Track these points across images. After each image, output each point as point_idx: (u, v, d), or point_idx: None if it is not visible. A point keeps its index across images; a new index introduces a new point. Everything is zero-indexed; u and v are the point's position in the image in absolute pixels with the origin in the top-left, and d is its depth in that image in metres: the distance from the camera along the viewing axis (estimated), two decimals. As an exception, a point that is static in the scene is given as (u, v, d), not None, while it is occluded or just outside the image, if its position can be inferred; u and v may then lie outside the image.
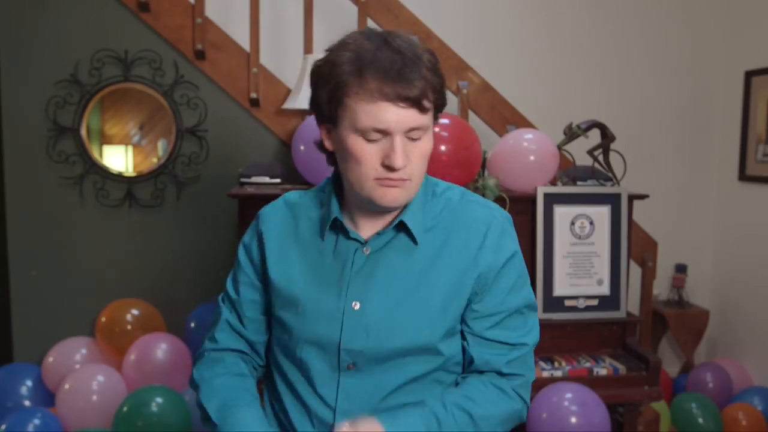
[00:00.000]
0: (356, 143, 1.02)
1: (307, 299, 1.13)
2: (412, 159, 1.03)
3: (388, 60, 0.98)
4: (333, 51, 1.04)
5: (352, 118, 1.00)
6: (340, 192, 1.15)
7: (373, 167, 1.02)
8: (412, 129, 1.01)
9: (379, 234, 1.12)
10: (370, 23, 2.83)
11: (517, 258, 1.16)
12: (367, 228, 1.13)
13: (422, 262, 1.11)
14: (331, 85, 1.01)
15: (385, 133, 1.01)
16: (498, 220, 1.15)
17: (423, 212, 1.13)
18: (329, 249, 1.14)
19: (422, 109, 1.00)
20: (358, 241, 1.12)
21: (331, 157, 1.13)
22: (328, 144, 1.10)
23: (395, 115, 0.99)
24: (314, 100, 1.07)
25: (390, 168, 1.01)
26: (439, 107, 1.06)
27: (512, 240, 1.16)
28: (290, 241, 1.17)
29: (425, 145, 1.05)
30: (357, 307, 1.10)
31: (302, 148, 2.50)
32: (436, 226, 1.13)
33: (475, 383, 1.13)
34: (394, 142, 1.00)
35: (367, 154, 1.02)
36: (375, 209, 1.09)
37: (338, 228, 1.14)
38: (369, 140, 1.01)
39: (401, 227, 1.11)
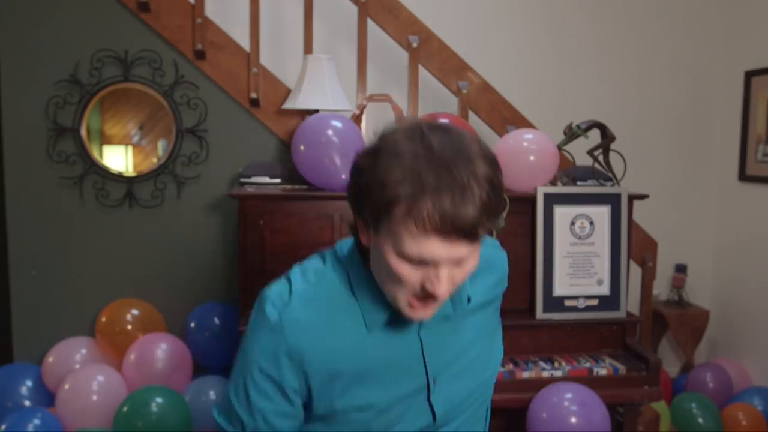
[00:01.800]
0: (398, 265, 0.94)
1: (383, 400, 1.04)
2: (456, 281, 0.96)
3: (448, 190, 0.87)
4: (383, 155, 0.91)
5: (398, 241, 0.92)
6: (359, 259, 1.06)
7: (412, 288, 0.96)
8: (461, 258, 0.94)
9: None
10: (370, 24, 2.83)
11: None
12: None
13: (459, 317, 1.14)
14: (379, 201, 0.91)
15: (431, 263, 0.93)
16: (505, 263, 1.23)
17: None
18: (390, 339, 1.05)
19: (475, 240, 0.92)
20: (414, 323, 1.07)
21: (363, 249, 1.04)
22: (364, 239, 1.00)
23: (445, 250, 0.91)
24: (354, 197, 0.97)
25: (430, 294, 0.95)
26: (494, 216, 0.96)
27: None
28: (341, 363, 1.01)
29: (471, 265, 0.97)
30: (435, 382, 1.08)
31: (302, 148, 2.50)
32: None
33: None
34: (440, 272, 0.93)
35: (409, 278, 0.94)
36: None
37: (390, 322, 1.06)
38: (412, 265, 0.94)
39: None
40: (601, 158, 2.59)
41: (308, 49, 2.80)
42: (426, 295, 0.95)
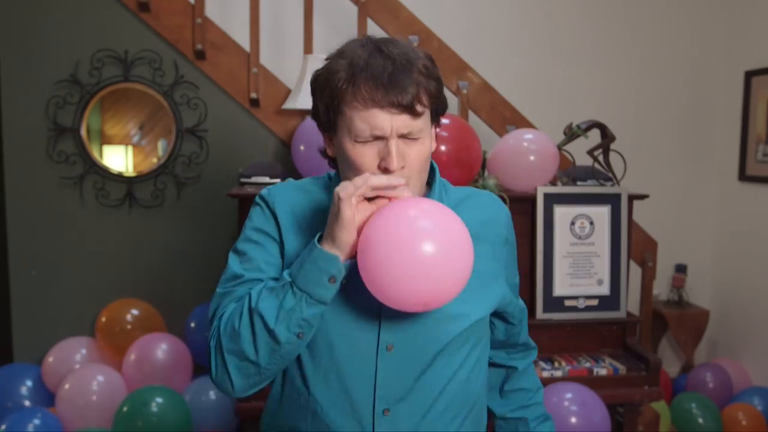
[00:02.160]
0: (353, 149, 1.04)
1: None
2: (409, 160, 1.05)
3: (380, 67, 1.00)
4: (330, 59, 1.06)
5: (349, 125, 1.03)
6: None
7: (371, 172, 1.03)
8: (407, 133, 1.03)
9: None
10: (370, 24, 2.83)
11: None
12: None
13: None
14: (327, 94, 1.04)
15: (380, 137, 1.03)
16: (509, 215, 1.26)
17: (442, 199, 1.15)
18: None
19: (415, 114, 1.02)
20: None
21: (333, 162, 1.15)
22: (330, 150, 1.12)
23: (388, 121, 1.01)
24: (314, 109, 1.10)
25: (386, 170, 1.03)
26: (437, 109, 1.08)
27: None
28: (307, 225, 1.13)
29: (422, 146, 1.06)
30: None
31: (302, 148, 2.50)
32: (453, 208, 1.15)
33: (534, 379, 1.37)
34: (389, 145, 1.02)
35: (365, 159, 1.04)
36: None
37: None
38: (365, 143, 1.03)
39: None
40: (601, 158, 2.59)
41: (308, 49, 2.80)
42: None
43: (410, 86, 1.01)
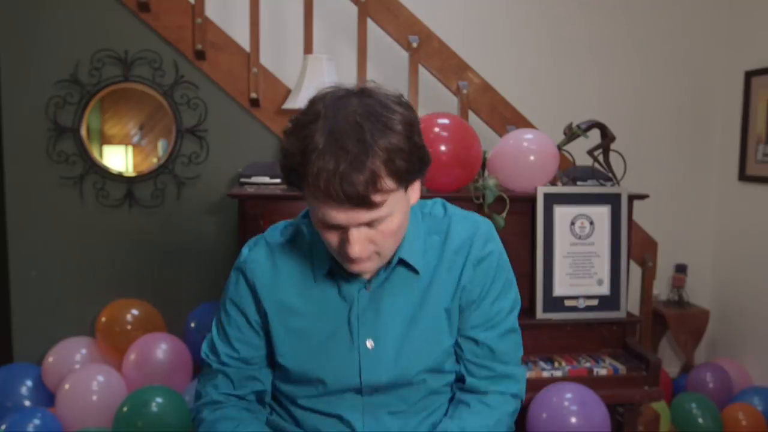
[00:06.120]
0: (319, 227, 1.01)
1: (317, 345, 1.11)
2: (378, 240, 0.99)
3: (333, 160, 0.90)
4: (297, 127, 0.96)
5: (311, 206, 0.99)
6: None
7: (336, 248, 1.01)
8: (368, 222, 0.97)
9: (378, 272, 1.11)
10: (370, 23, 2.83)
11: (503, 260, 1.17)
12: None
13: (422, 287, 1.12)
14: (289, 169, 0.97)
15: (339, 227, 0.98)
16: (481, 231, 1.15)
17: (416, 239, 1.12)
18: (328, 292, 1.12)
19: (372, 206, 0.93)
20: (359, 281, 1.11)
21: None
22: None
23: (343, 215, 0.94)
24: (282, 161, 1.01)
25: (348, 256, 0.99)
26: (412, 178, 0.99)
27: (496, 244, 1.17)
28: (284, 288, 1.13)
29: (392, 223, 0.99)
30: (371, 345, 1.10)
31: (302, 148, 2.49)
32: (428, 250, 1.13)
33: (466, 413, 1.16)
34: (349, 234, 0.97)
35: (331, 239, 1.00)
36: None
37: (335, 273, 1.12)
38: (326, 228, 0.99)
39: (400, 262, 1.11)
40: (601, 158, 2.59)
41: (308, 49, 2.80)
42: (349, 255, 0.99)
43: (364, 182, 0.90)
